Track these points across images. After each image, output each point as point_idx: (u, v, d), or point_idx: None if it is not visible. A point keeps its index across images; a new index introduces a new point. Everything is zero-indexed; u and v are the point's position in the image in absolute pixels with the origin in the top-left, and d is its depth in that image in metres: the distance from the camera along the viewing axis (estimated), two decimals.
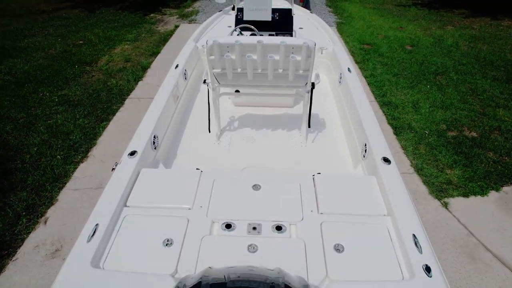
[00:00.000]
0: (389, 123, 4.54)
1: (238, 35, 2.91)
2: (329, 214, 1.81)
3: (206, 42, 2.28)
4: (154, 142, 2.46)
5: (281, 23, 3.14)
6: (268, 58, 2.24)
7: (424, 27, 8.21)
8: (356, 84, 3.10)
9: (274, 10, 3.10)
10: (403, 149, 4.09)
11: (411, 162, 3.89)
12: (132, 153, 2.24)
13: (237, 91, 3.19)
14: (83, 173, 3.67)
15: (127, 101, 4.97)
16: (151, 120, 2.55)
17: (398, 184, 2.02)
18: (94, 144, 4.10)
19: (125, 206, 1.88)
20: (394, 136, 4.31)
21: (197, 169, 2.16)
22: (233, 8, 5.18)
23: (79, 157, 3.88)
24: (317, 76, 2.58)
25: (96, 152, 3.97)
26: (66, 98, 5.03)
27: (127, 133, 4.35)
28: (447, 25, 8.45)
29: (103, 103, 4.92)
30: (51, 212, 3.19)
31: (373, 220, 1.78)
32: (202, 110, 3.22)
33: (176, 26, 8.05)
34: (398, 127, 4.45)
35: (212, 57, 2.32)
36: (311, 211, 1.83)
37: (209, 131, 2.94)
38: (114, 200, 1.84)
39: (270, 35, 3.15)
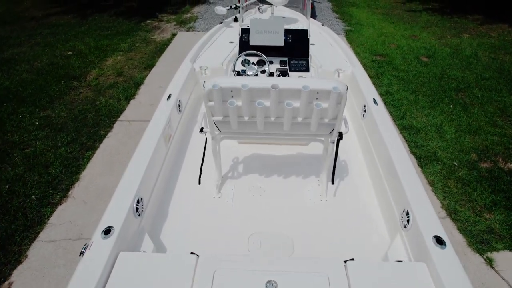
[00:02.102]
0: (412, 152, 4.01)
1: (243, 62, 2.38)
2: None
3: (204, 84, 1.75)
4: (137, 208, 1.93)
5: (295, 47, 2.61)
6: (284, 105, 1.71)
7: (439, 35, 7.67)
8: (385, 120, 2.58)
9: (286, 31, 2.57)
10: (430, 186, 3.56)
11: (441, 202, 3.36)
12: (107, 231, 1.71)
13: None
14: (61, 218, 3.14)
15: (116, 125, 4.44)
16: (135, 177, 2.02)
17: (458, 277, 1.50)
18: (77, 179, 3.57)
19: None
20: (419, 169, 3.78)
21: (192, 253, 1.64)
22: (235, 20, 4.65)
23: (58, 197, 3.35)
24: (345, 122, 2.05)
25: (78, 190, 3.44)
26: (48, 120, 4.49)
27: (114, 166, 3.82)
28: (463, 32, 7.91)
29: (90, 127, 4.39)
30: (16, 274, 2.65)
31: None
32: (200, 152, 2.69)
33: (173, 35, 7.51)
34: (423, 157, 3.92)
35: (212, 103, 1.80)
36: None
37: (199, 182, 2.41)
38: None
39: (281, 61, 2.62)
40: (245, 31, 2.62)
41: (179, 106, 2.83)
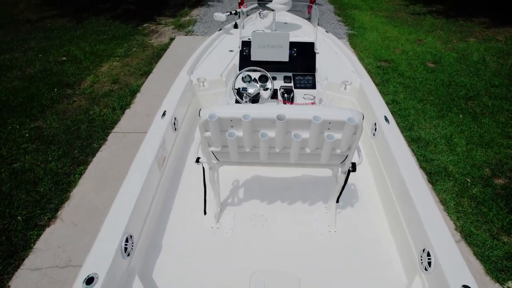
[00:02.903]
0: (421, 167, 3.80)
1: (244, 78, 2.17)
2: None
3: (199, 113, 1.54)
4: (126, 248, 1.72)
5: (301, 61, 2.40)
6: (292, 136, 1.50)
7: (444, 40, 7.46)
8: (399, 142, 2.37)
9: (291, 44, 2.35)
10: (443, 205, 3.35)
11: (455, 223, 3.15)
12: (90, 280, 1.50)
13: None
14: (48, 242, 2.93)
15: (110, 137, 4.23)
16: (124, 213, 1.80)
17: None
18: (67, 198, 3.35)
19: None
20: (430, 186, 3.57)
21: None
22: (235, 26, 4.44)
23: (46, 217, 3.14)
24: (359, 151, 1.84)
25: (68, 210, 3.23)
26: (39, 132, 4.28)
27: (107, 182, 3.61)
28: (469, 36, 7.70)
29: (82, 139, 4.17)
30: None
31: None
32: (197, 175, 2.48)
33: (171, 39, 7.30)
34: (433, 173, 3.71)
35: (208, 133, 1.59)
36: None
37: (205, 213, 2.20)
38: None
39: (285, 77, 2.41)
40: (245, 44, 2.41)
41: (174, 124, 2.62)
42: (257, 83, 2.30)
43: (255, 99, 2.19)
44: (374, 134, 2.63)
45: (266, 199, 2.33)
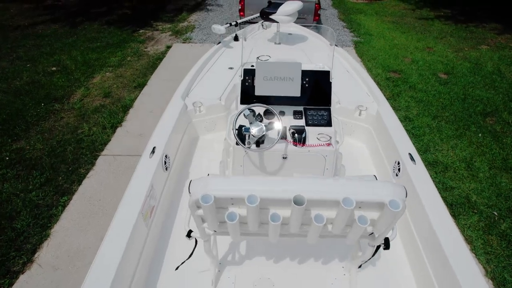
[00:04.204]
0: (441, 197, 3.43)
1: (247, 116, 1.81)
2: None
3: (189, 188, 1.17)
4: None
5: (314, 93, 2.03)
6: (312, 218, 1.14)
7: (455, 47, 7.10)
8: (429, 188, 2.01)
9: (302, 73, 1.99)
10: (469, 244, 2.99)
11: (485, 268, 2.79)
12: None
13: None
14: None
15: (99, 161, 3.86)
16: (104, 278, 1.44)
17: None
18: (47, 236, 2.99)
19: None
20: (453, 220, 3.20)
21: None
22: (235, 38, 4.07)
23: (21, 261, 2.77)
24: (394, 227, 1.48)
25: (48, 251, 2.86)
26: (21, 155, 3.91)
27: (93, 216, 3.22)
28: (481, 44, 7.34)
29: (68, 163, 3.81)
30: None
31: None
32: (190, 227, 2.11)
33: (168, 47, 6.93)
34: (455, 204, 3.35)
35: (200, 211, 1.22)
36: None
37: None
38: None
39: (295, 112, 2.05)
40: (248, 73, 2.04)
41: (165, 163, 2.25)
42: (262, 119, 1.94)
43: (260, 140, 1.84)
44: (396, 175, 2.27)
45: (272, 257, 1.97)
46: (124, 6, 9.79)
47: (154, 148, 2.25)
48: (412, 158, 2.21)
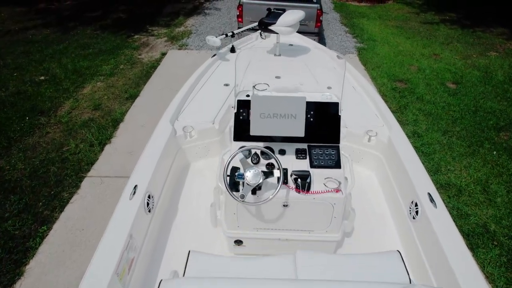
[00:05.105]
0: (457, 226, 3.14)
1: (241, 160, 1.52)
2: None
3: None
4: None
5: (319, 127, 1.73)
6: None
7: (463, 54, 6.81)
8: (454, 237, 1.72)
9: (307, 105, 1.68)
10: (490, 283, 2.69)
11: None
12: None
13: (239, 241, 1.80)
14: None
15: (84, 183, 3.56)
16: None
17: None
18: (21, 274, 2.69)
19: None
20: (470, 253, 2.91)
21: None
22: (232, 50, 3.78)
23: None
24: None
25: None
26: None
27: (75, 250, 2.90)
28: (489, 50, 7.05)
29: (51, 186, 3.51)
30: None
31: None
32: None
33: (163, 54, 6.63)
34: (472, 234, 3.05)
35: None
36: None
37: None
38: None
39: (298, 150, 1.74)
40: (243, 105, 1.73)
41: (148, 204, 1.96)
42: (259, 159, 1.64)
43: (256, 186, 1.55)
44: (413, 217, 1.97)
45: None
46: (119, 10, 9.50)
47: (135, 187, 1.95)
48: (432, 200, 1.91)
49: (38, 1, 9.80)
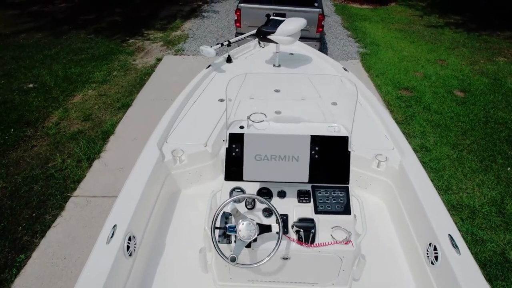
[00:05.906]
0: (471, 253, 2.89)
1: (233, 209, 1.27)
2: None
3: None
4: None
5: (325, 166, 1.48)
6: None
7: (470, 60, 6.55)
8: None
9: (312, 139, 1.41)
10: None
11: None
12: None
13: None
14: None
15: (69, 204, 3.31)
16: None
17: None
18: None
19: None
20: (488, 287, 2.66)
21: None
22: (228, 60, 3.53)
23: None
24: None
25: None
26: None
27: (56, 279, 2.68)
28: (497, 55, 6.79)
29: (33, 207, 3.26)
30: None
31: None
32: None
33: (158, 59, 6.38)
34: (489, 264, 2.80)
35: None
36: None
37: None
38: None
39: (300, 193, 1.49)
40: (235, 139, 1.46)
41: (128, 248, 1.70)
42: (254, 205, 1.39)
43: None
44: (432, 263, 1.72)
45: None
46: (115, 13, 9.24)
47: (114, 226, 1.70)
48: (454, 244, 1.66)
49: (31, 4, 9.55)
